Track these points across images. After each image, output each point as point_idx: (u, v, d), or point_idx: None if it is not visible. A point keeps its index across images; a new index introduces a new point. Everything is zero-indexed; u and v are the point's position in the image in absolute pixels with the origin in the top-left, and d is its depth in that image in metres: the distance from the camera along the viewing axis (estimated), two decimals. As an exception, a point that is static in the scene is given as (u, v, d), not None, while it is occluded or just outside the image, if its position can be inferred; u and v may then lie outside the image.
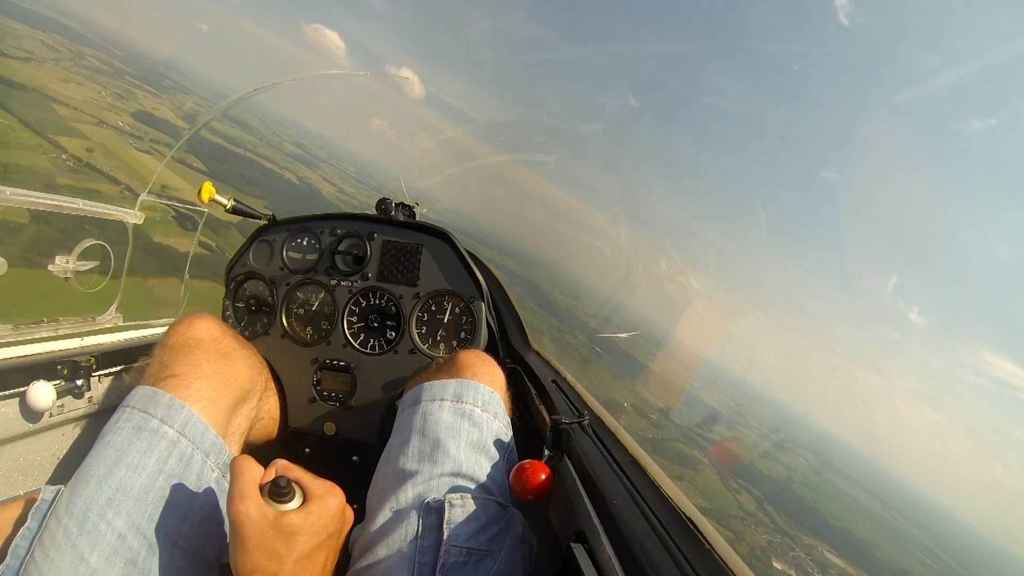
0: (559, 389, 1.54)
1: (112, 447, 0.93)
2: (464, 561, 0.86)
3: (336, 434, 1.51)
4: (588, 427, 1.27)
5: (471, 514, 0.90)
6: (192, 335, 1.13)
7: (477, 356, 1.22)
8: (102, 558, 0.81)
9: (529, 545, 0.95)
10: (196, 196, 1.51)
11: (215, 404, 1.06)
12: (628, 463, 1.15)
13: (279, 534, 0.77)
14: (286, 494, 0.80)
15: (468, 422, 1.06)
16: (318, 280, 1.59)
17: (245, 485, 0.79)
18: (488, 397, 1.12)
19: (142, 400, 1.00)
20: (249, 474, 0.81)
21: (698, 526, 0.82)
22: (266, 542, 0.77)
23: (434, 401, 1.10)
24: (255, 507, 0.77)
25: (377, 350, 1.55)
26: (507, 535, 0.92)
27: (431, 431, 1.04)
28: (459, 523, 0.89)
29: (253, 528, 0.76)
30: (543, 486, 0.89)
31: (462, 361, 1.19)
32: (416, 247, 1.57)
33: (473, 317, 1.54)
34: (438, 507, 0.91)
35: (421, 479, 0.96)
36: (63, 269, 1.72)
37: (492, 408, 1.11)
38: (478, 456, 1.02)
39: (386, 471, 1.04)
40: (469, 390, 1.11)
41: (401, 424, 1.11)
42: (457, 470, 0.98)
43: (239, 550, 0.76)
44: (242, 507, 0.77)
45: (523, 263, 4.26)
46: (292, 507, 0.80)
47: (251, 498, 0.78)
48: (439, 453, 1.00)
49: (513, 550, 0.90)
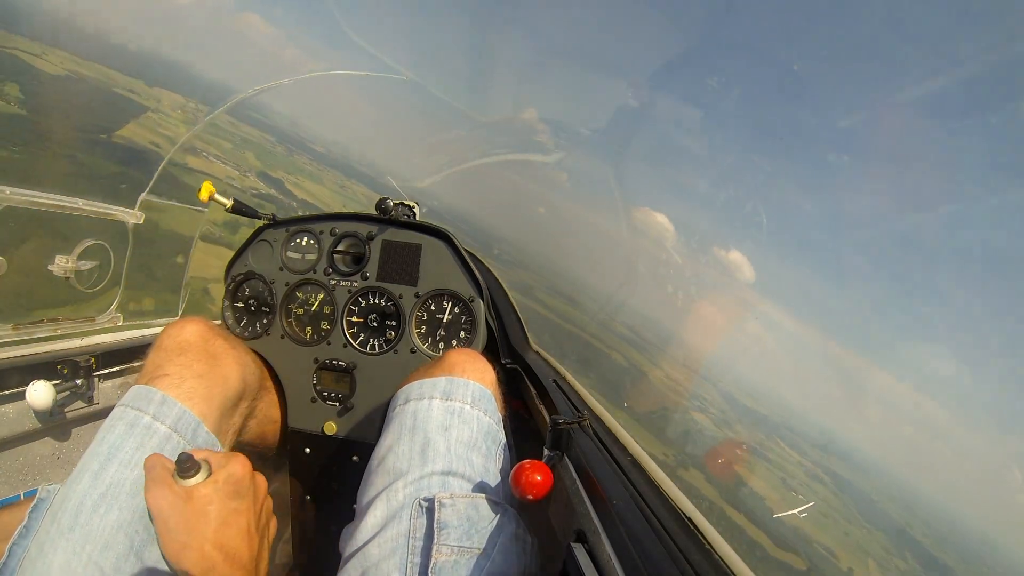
0: (559, 389, 1.54)
1: (106, 444, 0.95)
2: (457, 559, 0.85)
3: (336, 434, 1.52)
4: (588, 427, 1.28)
5: (463, 512, 0.90)
6: (184, 337, 1.16)
7: (466, 354, 1.22)
8: (95, 552, 0.82)
9: (523, 542, 0.94)
10: (196, 194, 1.51)
11: (207, 402, 1.09)
12: (628, 463, 1.15)
13: (194, 508, 0.82)
14: (190, 469, 0.85)
15: (458, 419, 1.06)
16: (317, 280, 1.59)
17: (156, 475, 0.84)
18: (478, 394, 1.12)
19: (135, 398, 1.02)
20: (160, 466, 0.86)
21: (698, 526, 0.82)
22: (185, 520, 0.81)
23: (423, 399, 1.09)
24: (168, 490, 0.83)
25: (377, 350, 1.55)
26: (500, 533, 0.91)
27: (421, 429, 1.04)
28: (451, 521, 0.88)
29: (170, 509, 0.81)
30: (543, 486, 0.89)
31: (451, 359, 1.19)
32: (416, 247, 1.57)
33: (473, 317, 1.54)
34: (429, 505, 0.90)
35: (412, 477, 0.96)
36: (63, 269, 1.72)
37: (482, 405, 1.11)
38: (469, 453, 1.02)
39: (377, 470, 1.04)
40: (458, 387, 1.11)
41: (391, 423, 1.11)
42: (448, 468, 0.97)
43: (163, 535, 0.81)
44: (156, 492, 0.82)
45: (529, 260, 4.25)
46: (199, 480, 0.85)
47: (163, 483, 0.83)
48: (429, 451, 1.00)
49: (507, 548, 0.90)
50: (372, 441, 1.54)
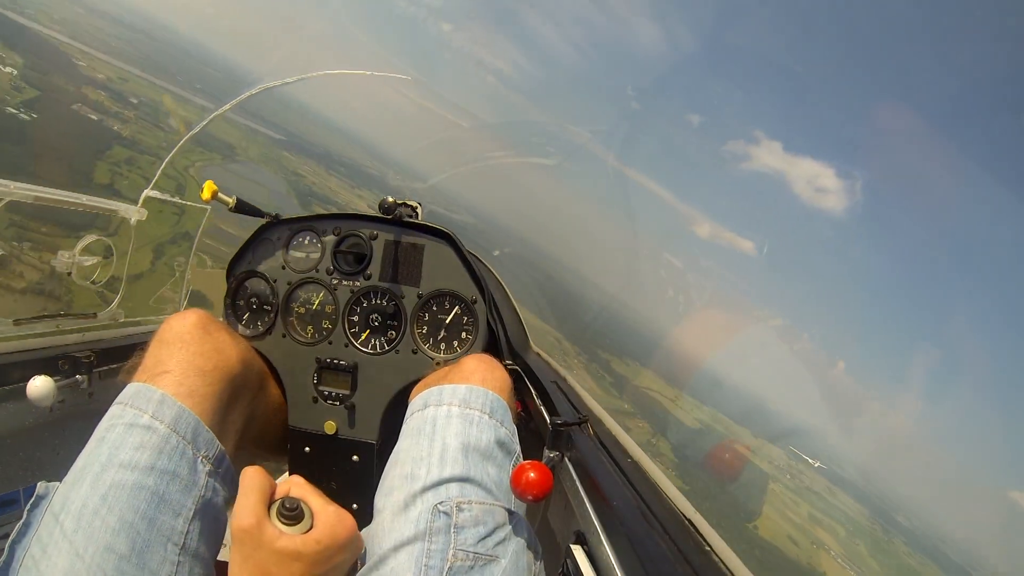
0: (560, 390, 1.54)
1: (106, 444, 0.94)
2: (471, 565, 0.87)
3: (336, 434, 1.52)
4: (588, 429, 1.28)
5: (479, 519, 0.92)
6: (185, 330, 1.13)
7: (484, 361, 1.24)
8: (97, 554, 0.82)
9: (535, 551, 0.96)
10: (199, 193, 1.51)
11: (208, 400, 1.07)
12: (628, 465, 1.15)
13: (277, 557, 0.78)
14: (294, 517, 0.81)
15: (476, 428, 1.08)
16: (320, 279, 1.59)
17: (249, 502, 0.80)
18: (495, 403, 1.14)
19: (135, 397, 1.01)
20: (258, 491, 0.82)
21: (698, 527, 0.82)
22: (262, 562, 0.78)
23: (442, 406, 1.11)
24: (257, 526, 0.78)
25: (378, 350, 1.55)
26: (514, 541, 0.93)
27: (439, 436, 1.06)
28: (467, 528, 0.90)
29: (253, 547, 0.78)
30: (543, 487, 0.89)
31: (470, 366, 1.20)
32: (419, 247, 1.57)
33: (475, 318, 1.54)
34: (447, 511, 0.92)
35: (429, 483, 0.97)
36: (66, 264, 1.72)
37: (499, 415, 1.13)
38: (485, 462, 1.03)
39: (394, 473, 1.05)
40: (477, 396, 1.13)
41: (410, 428, 1.13)
42: (466, 475, 0.99)
43: (235, 561, 0.79)
44: (244, 524, 0.78)
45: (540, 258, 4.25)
46: (297, 531, 0.81)
47: (255, 516, 0.79)
48: (447, 458, 1.01)
49: (519, 556, 0.92)
50: (372, 441, 1.54)
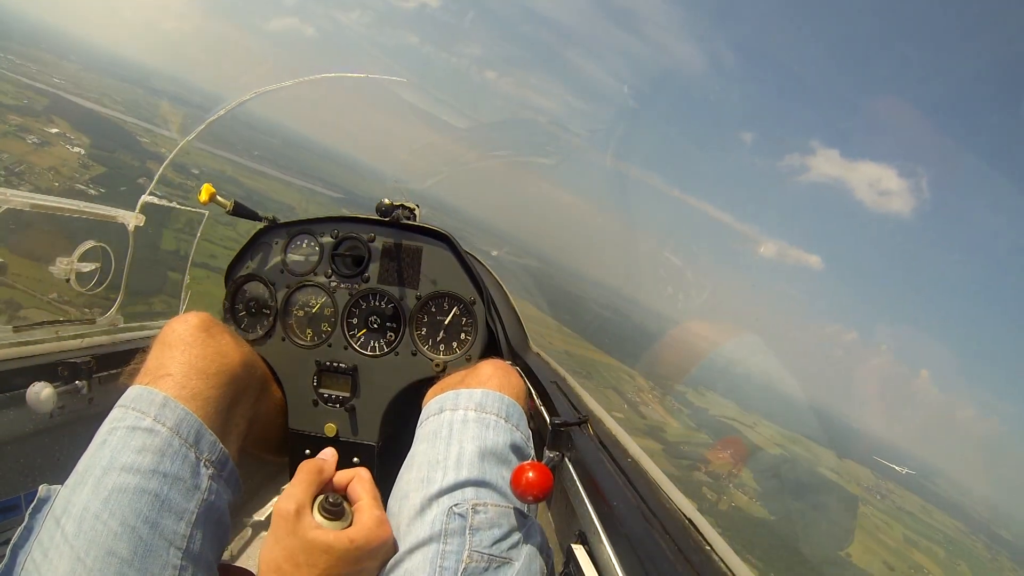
0: (559, 390, 1.54)
1: (108, 447, 0.94)
2: (485, 567, 0.88)
3: (336, 436, 1.52)
4: (588, 428, 1.28)
5: (494, 522, 0.93)
6: (188, 333, 1.13)
7: (501, 367, 1.25)
8: (99, 558, 0.82)
9: (547, 555, 0.98)
10: (197, 196, 1.51)
11: (210, 403, 1.07)
12: (629, 465, 1.16)
13: (308, 546, 0.82)
14: (335, 513, 0.87)
15: (492, 432, 1.09)
16: (318, 282, 1.59)
17: (296, 490, 0.87)
18: (510, 408, 1.15)
19: (137, 400, 1.00)
20: (308, 481, 0.88)
21: (698, 527, 0.83)
22: (292, 548, 0.82)
23: (458, 410, 1.13)
24: (296, 513, 0.84)
25: (378, 352, 1.56)
26: (528, 545, 0.95)
27: (456, 440, 1.07)
28: (482, 530, 0.92)
29: (286, 531, 0.83)
30: (543, 487, 0.90)
31: (486, 371, 1.22)
32: (417, 249, 1.58)
33: (474, 319, 1.55)
34: (462, 513, 0.93)
35: (445, 486, 0.99)
36: (64, 271, 1.72)
37: (514, 419, 1.14)
38: (500, 466, 1.05)
39: (409, 476, 1.06)
40: (493, 400, 1.14)
41: (426, 432, 1.14)
42: (481, 478, 1.00)
43: (268, 542, 0.84)
44: (284, 508, 0.84)
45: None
46: (334, 527, 0.86)
47: (296, 503, 0.85)
48: (464, 462, 1.02)
49: (532, 559, 0.94)
50: (372, 443, 1.54)
